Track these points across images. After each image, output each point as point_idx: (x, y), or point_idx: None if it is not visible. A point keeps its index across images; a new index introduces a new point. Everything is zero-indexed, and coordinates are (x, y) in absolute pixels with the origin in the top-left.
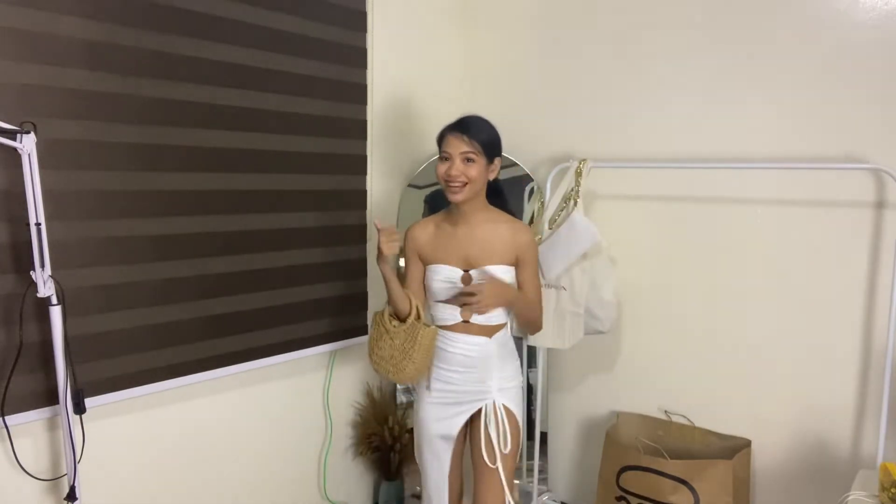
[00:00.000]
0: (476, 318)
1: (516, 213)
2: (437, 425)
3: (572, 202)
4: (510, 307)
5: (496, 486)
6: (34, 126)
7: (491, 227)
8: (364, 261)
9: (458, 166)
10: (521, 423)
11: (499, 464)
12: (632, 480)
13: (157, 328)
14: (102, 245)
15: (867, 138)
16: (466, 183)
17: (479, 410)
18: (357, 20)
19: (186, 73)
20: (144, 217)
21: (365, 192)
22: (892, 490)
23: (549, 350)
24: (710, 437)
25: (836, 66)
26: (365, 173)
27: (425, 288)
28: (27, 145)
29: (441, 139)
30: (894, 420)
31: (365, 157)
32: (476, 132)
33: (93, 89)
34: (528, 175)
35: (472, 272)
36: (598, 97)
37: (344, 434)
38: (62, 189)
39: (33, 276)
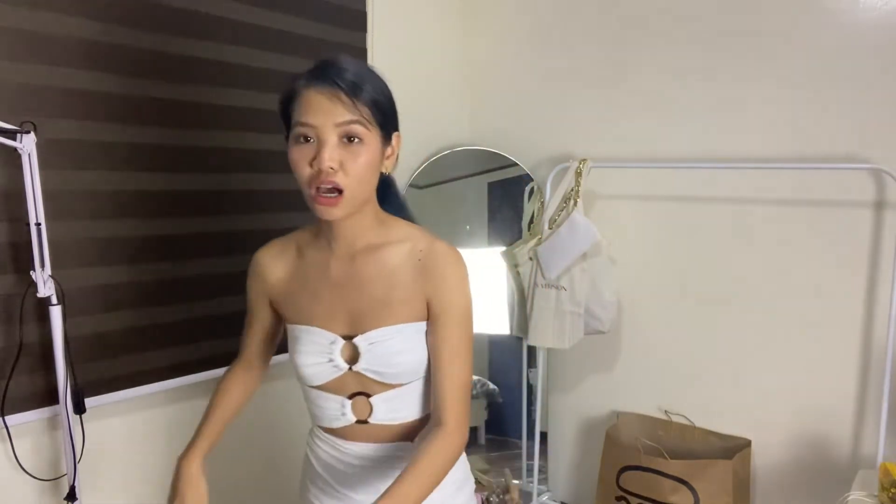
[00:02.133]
0: (378, 417)
1: (516, 212)
2: None
3: (572, 202)
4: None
5: None
6: (34, 126)
7: (387, 254)
8: None
9: (332, 152)
10: None
11: None
12: (632, 480)
13: (157, 328)
14: (102, 245)
15: (867, 138)
16: (340, 188)
17: None
18: (357, 20)
19: (186, 74)
20: (144, 217)
21: None
22: (892, 490)
23: (549, 350)
24: (710, 437)
25: (836, 65)
26: None
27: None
28: (27, 145)
29: (291, 99)
30: (894, 420)
31: None
32: (358, 84)
33: (93, 89)
34: (528, 175)
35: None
36: (599, 97)
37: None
38: (62, 189)
39: (33, 276)
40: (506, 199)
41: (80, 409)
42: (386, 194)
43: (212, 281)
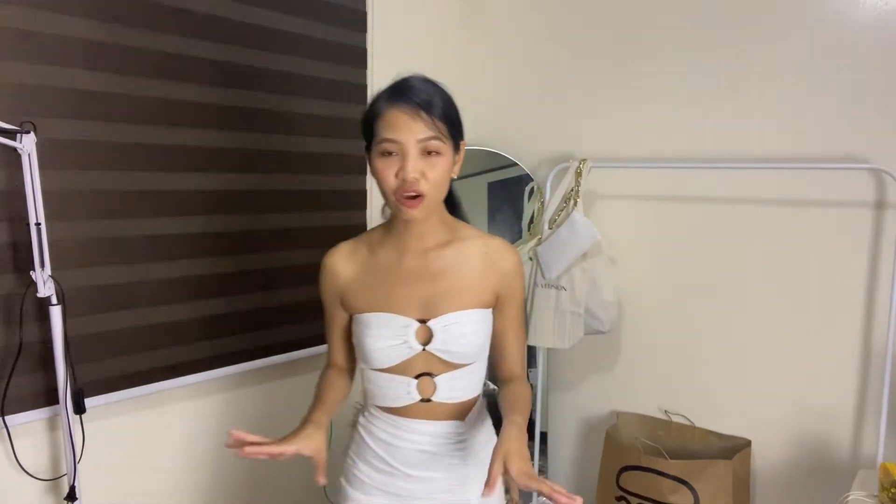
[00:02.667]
0: (441, 396)
1: (516, 212)
2: None
3: (572, 202)
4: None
5: None
6: (34, 126)
7: (457, 250)
8: None
9: (414, 165)
10: None
11: None
12: (632, 480)
13: (157, 328)
14: (102, 245)
15: (867, 138)
16: (422, 194)
17: None
18: (357, 20)
19: (186, 73)
20: (144, 217)
21: (365, 192)
22: (892, 490)
23: (549, 350)
24: (710, 437)
25: (836, 65)
26: (365, 174)
27: (356, 348)
28: (27, 145)
29: (376, 117)
30: (894, 420)
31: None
32: (441, 105)
33: (93, 89)
34: (528, 175)
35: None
36: (598, 97)
37: (345, 434)
38: (62, 189)
39: (33, 276)
40: (506, 199)
41: (80, 409)
42: (449, 198)
43: (212, 281)
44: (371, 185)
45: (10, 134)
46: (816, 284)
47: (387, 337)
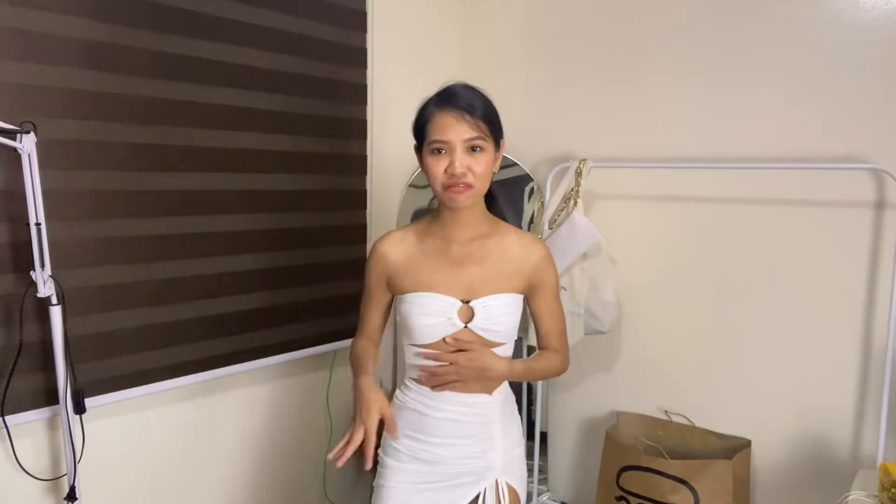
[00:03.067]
0: None
1: (516, 212)
2: (417, 497)
3: (572, 202)
4: (512, 379)
5: None
6: (34, 126)
7: (496, 241)
8: (364, 261)
9: (461, 159)
10: (523, 500)
11: None
12: (632, 480)
13: (157, 328)
14: (102, 245)
15: (867, 138)
16: (470, 185)
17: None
18: (357, 20)
19: (186, 73)
20: (144, 217)
21: (365, 192)
22: (892, 490)
23: None
24: (710, 437)
25: (836, 65)
26: (365, 173)
27: (398, 327)
28: (27, 145)
29: (426, 121)
30: (894, 420)
31: (365, 157)
32: (481, 106)
33: (93, 89)
34: (528, 175)
35: (472, 316)
36: (599, 97)
37: (345, 434)
38: (62, 189)
39: (33, 276)
40: (506, 199)
41: (80, 409)
42: (489, 196)
43: (212, 280)
44: (371, 185)
45: (10, 134)
46: (816, 284)
47: (432, 315)
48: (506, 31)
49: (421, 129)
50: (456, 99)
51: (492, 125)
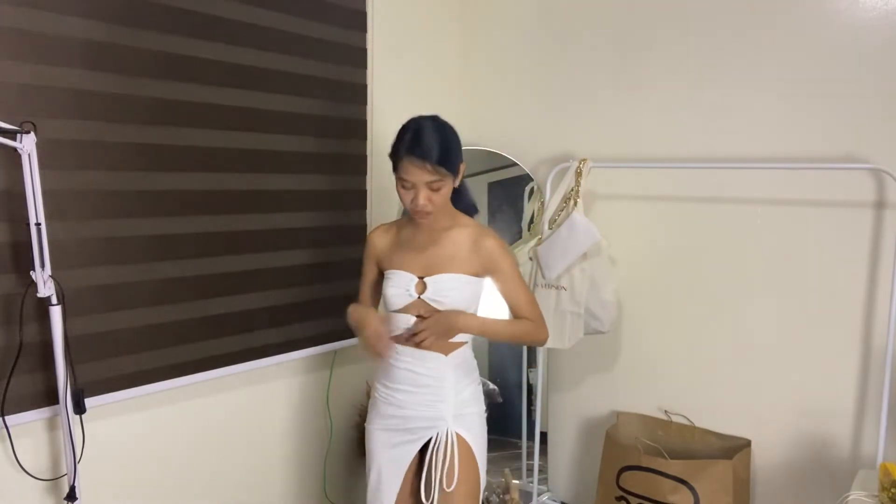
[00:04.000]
0: None
1: (516, 212)
2: (385, 456)
3: (572, 202)
4: (477, 334)
5: None
6: (34, 126)
7: (453, 232)
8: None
9: (424, 196)
10: (480, 458)
11: (435, 500)
12: (632, 480)
13: (157, 328)
14: (102, 245)
15: (867, 138)
16: (429, 212)
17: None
18: (357, 20)
19: (186, 73)
20: (144, 217)
21: (365, 192)
22: (892, 490)
23: (549, 350)
24: (710, 437)
25: (836, 65)
26: (365, 173)
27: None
28: (27, 145)
29: (398, 160)
30: (894, 420)
31: (365, 157)
32: (440, 154)
33: (93, 89)
34: (528, 175)
35: (426, 293)
36: (598, 97)
37: (345, 435)
38: (62, 189)
39: (33, 276)
40: (506, 199)
41: (80, 409)
42: (458, 194)
43: (212, 281)
44: (371, 185)
45: (10, 134)
46: (816, 284)
47: (397, 287)
48: (506, 31)
49: (394, 163)
50: (419, 149)
51: (449, 164)
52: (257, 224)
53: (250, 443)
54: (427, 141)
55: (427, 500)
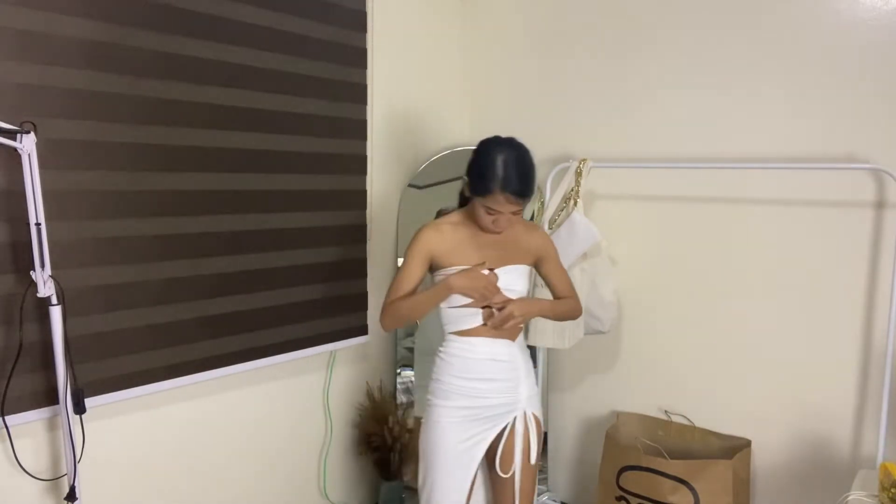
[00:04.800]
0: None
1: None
2: (457, 450)
3: (572, 202)
4: (544, 315)
5: (512, 496)
6: (34, 126)
7: (510, 230)
8: (364, 261)
9: (505, 220)
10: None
11: (517, 473)
12: (632, 480)
13: (157, 328)
14: (102, 245)
15: (867, 138)
16: (504, 230)
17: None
18: (357, 20)
19: (186, 73)
20: (144, 217)
21: (365, 192)
22: (892, 490)
23: (549, 350)
24: (710, 437)
25: (836, 66)
26: (365, 173)
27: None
28: (27, 145)
29: (487, 191)
30: (894, 420)
31: (365, 157)
32: (531, 190)
33: (93, 89)
34: None
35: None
36: (599, 97)
37: (344, 434)
38: (62, 189)
39: (33, 276)
40: None
41: (80, 409)
42: None
43: (212, 281)
44: (371, 185)
45: (10, 134)
46: (816, 284)
47: None
48: (505, 31)
49: (479, 189)
50: (515, 188)
51: (532, 195)
52: (257, 224)
53: (249, 442)
54: (521, 179)
55: (506, 473)
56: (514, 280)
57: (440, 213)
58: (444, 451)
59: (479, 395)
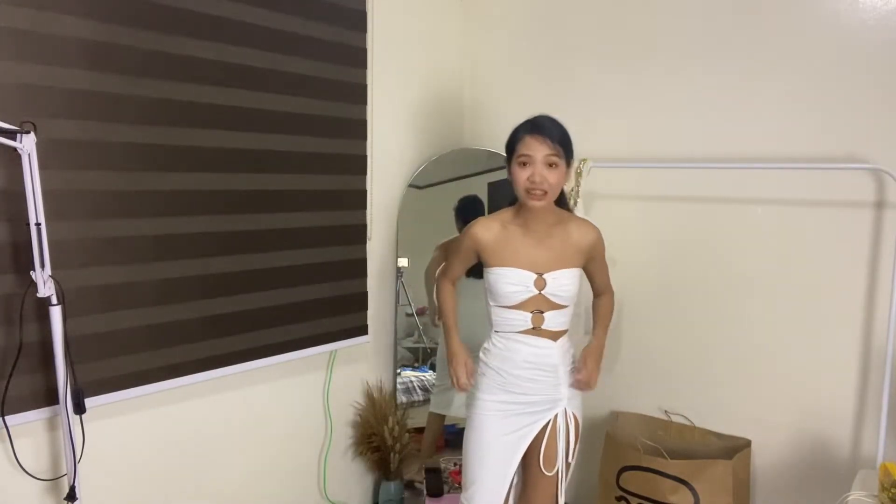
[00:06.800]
0: (545, 324)
1: None
2: (499, 443)
3: (572, 202)
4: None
5: (553, 494)
6: (34, 126)
7: (561, 229)
8: (364, 261)
9: (540, 172)
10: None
11: (561, 472)
12: (632, 480)
13: (157, 328)
14: (102, 245)
15: (867, 138)
16: (545, 191)
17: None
18: (357, 20)
19: (186, 73)
20: (144, 217)
21: (365, 192)
22: (892, 490)
23: None
24: (710, 437)
25: (836, 66)
26: (365, 173)
27: (486, 291)
28: (27, 145)
29: (516, 141)
30: (894, 420)
31: (365, 157)
32: (555, 133)
33: (93, 89)
34: None
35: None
36: (599, 97)
37: (344, 434)
38: (62, 189)
39: (33, 276)
40: (506, 199)
41: (80, 409)
42: (560, 198)
43: (212, 280)
44: (371, 184)
45: (10, 134)
46: (816, 284)
47: (515, 284)
48: (505, 31)
49: (512, 146)
50: (541, 128)
51: (565, 149)
52: (257, 224)
53: (250, 442)
54: (547, 124)
55: (550, 471)
56: (563, 285)
57: (459, 205)
58: (486, 444)
59: (520, 390)
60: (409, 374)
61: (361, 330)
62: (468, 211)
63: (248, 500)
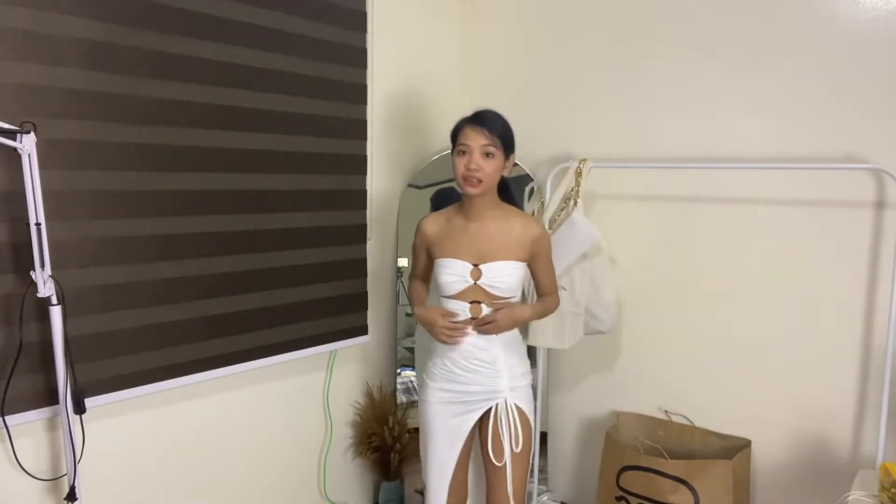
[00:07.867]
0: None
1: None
2: (444, 427)
3: (572, 202)
4: (530, 321)
5: (505, 484)
6: (34, 126)
7: (503, 222)
8: (364, 261)
9: (476, 160)
10: (532, 422)
11: (507, 463)
12: (632, 480)
13: (157, 328)
14: (102, 245)
15: (867, 138)
16: (480, 179)
17: (489, 410)
18: (357, 20)
19: (186, 73)
20: (144, 217)
21: (365, 192)
22: (892, 490)
23: (549, 350)
24: (710, 437)
25: (836, 66)
26: (365, 173)
27: (432, 281)
28: (27, 145)
29: (458, 132)
30: (894, 420)
31: (365, 157)
32: (495, 126)
33: (93, 89)
34: (528, 175)
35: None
36: (599, 97)
37: (344, 434)
38: (62, 189)
39: (33, 276)
40: (505, 198)
41: (80, 409)
42: (504, 190)
43: (212, 281)
44: (371, 185)
45: (10, 134)
46: (816, 284)
47: (453, 274)
48: (505, 31)
49: (454, 136)
50: (479, 118)
51: (503, 140)
52: (257, 224)
53: (249, 442)
54: (489, 116)
55: (499, 462)
56: (498, 276)
57: (434, 197)
58: (434, 427)
59: (458, 380)
60: (409, 374)
61: (361, 330)
62: (443, 204)
63: (247, 499)
